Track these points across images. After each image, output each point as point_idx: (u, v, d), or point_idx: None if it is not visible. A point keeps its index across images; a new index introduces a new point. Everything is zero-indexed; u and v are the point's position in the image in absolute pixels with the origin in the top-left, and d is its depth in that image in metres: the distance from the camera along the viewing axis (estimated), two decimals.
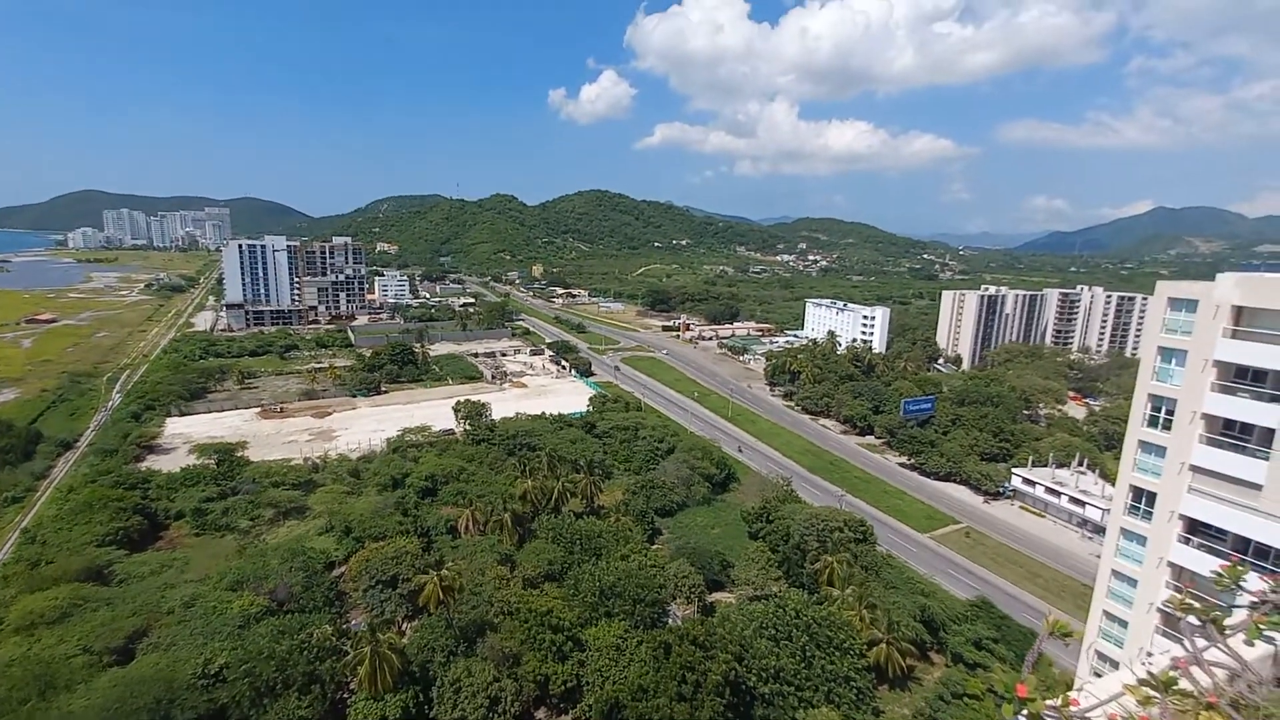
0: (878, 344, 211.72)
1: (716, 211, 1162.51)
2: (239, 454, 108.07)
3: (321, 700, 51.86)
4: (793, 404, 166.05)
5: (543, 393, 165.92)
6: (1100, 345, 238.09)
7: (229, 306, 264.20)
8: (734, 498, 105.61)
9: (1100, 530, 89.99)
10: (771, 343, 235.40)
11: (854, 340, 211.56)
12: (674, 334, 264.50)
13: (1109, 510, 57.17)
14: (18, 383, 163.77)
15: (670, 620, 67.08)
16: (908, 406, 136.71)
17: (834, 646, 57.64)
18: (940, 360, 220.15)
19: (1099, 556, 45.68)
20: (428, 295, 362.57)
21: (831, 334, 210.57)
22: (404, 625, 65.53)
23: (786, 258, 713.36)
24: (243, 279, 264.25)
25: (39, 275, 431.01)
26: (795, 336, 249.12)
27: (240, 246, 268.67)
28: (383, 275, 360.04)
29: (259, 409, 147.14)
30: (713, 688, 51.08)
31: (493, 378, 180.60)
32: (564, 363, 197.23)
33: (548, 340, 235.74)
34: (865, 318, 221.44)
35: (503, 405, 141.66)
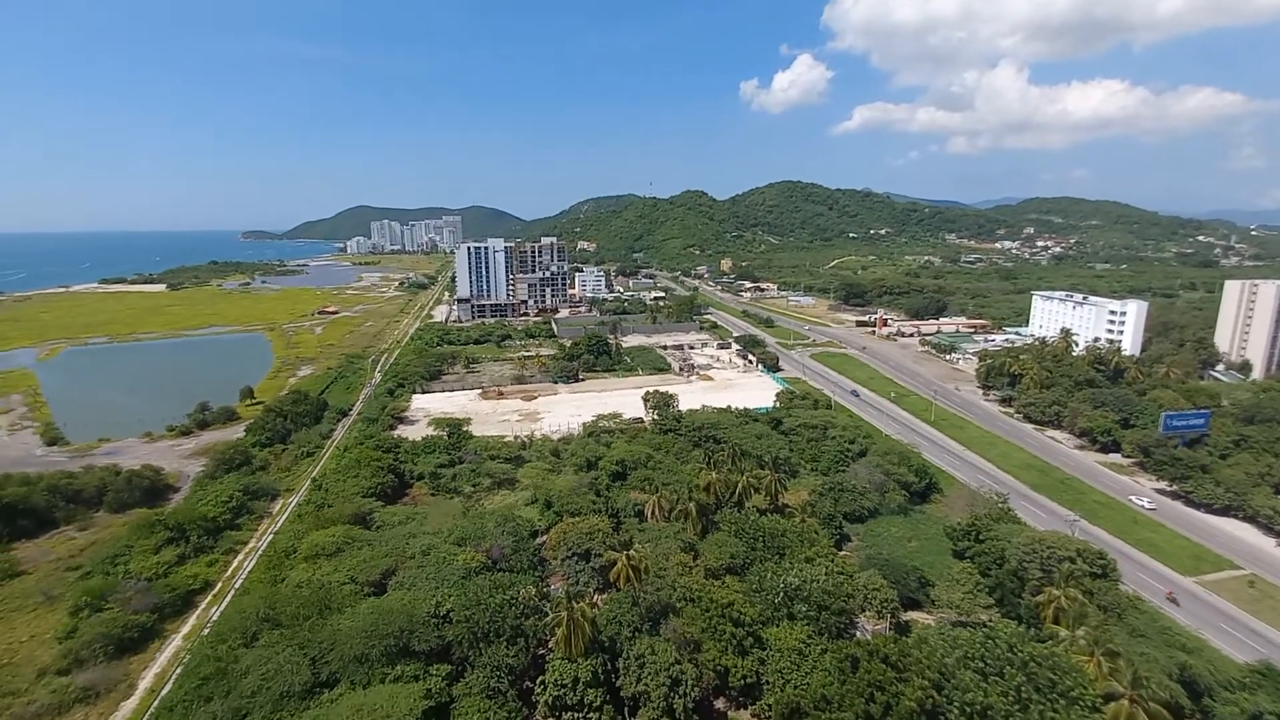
0: (1129, 345, 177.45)
1: (922, 196, 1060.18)
2: (465, 429, 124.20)
3: (525, 652, 57.79)
4: (1011, 410, 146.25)
5: (729, 386, 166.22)
6: None
7: (459, 301, 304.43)
8: (935, 510, 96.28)
9: None
10: (986, 341, 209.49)
11: (1095, 340, 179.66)
12: (869, 330, 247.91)
13: None
14: (312, 361, 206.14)
15: (858, 634, 63.36)
16: (1171, 421, 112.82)
17: (1058, 693, 49.73)
18: (1219, 367, 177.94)
19: None
20: (621, 290, 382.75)
21: (1066, 332, 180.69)
22: (595, 597, 70.21)
23: (1008, 244, 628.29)
24: (470, 277, 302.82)
25: (327, 276, 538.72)
26: (1017, 334, 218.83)
27: (469, 249, 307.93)
28: (582, 271, 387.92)
29: (480, 391, 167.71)
30: (906, 713, 47.19)
31: (680, 370, 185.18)
32: (751, 357, 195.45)
33: (735, 334, 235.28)
34: (1113, 313, 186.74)
35: (689, 397, 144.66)
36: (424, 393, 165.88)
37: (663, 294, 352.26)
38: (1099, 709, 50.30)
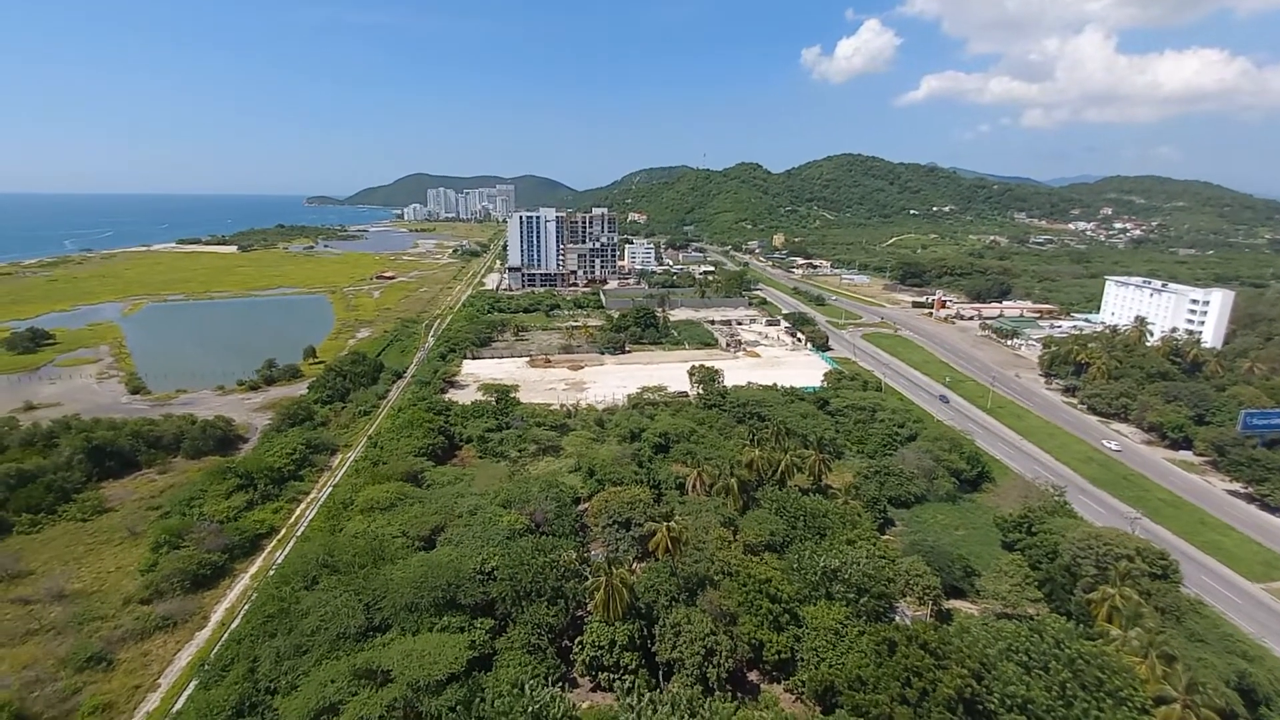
0: (1210, 337, 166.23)
1: (991, 172, 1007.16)
2: (513, 395, 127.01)
3: (564, 613, 59.73)
4: (1075, 401, 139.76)
5: (776, 364, 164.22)
6: None
7: (510, 269, 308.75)
8: (986, 500, 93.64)
9: None
10: (1052, 327, 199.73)
11: (1173, 330, 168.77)
12: (925, 311, 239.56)
13: None
14: (370, 324, 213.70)
15: (897, 618, 62.76)
16: (1251, 420, 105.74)
17: (1105, 692, 48.33)
18: None
19: None
20: (670, 263, 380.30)
21: (1141, 320, 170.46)
22: (634, 565, 71.61)
23: (1083, 225, 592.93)
24: (521, 245, 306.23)
25: (385, 242, 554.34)
26: (1086, 321, 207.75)
27: (520, 218, 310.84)
28: (632, 243, 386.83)
29: (528, 359, 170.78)
30: (943, 699, 46.73)
31: (727, 345, 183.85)
32: (799, 335, 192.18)
33: (784, 312, 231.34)
34: (1194, 302, 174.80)
35: (735, 373, 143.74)
36: (474, 358, 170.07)
37: (712, 268, 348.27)
38: (1148, 711, 48.72)
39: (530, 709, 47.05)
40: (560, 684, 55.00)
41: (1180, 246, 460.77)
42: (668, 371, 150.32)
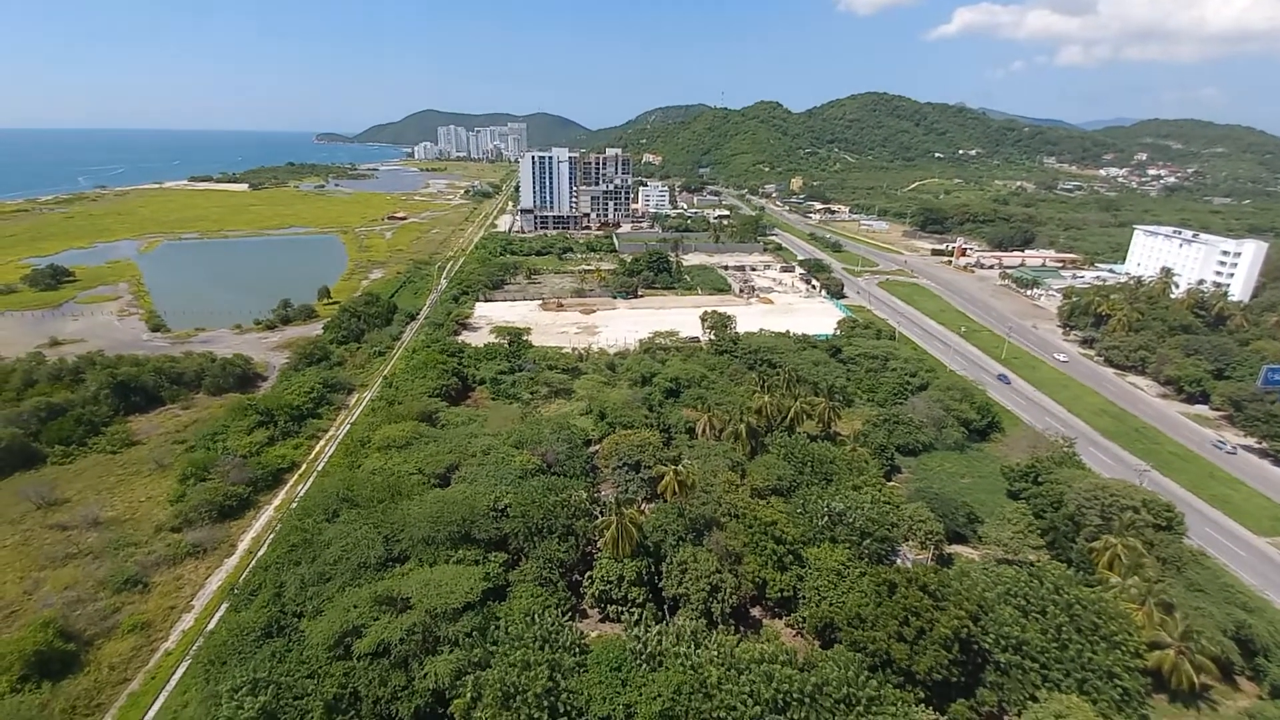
0: (1238, 290, 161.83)
1: (1022, 114, 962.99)
2: (525, 338, 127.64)
3: (575, 549, 61.80)
4: (1092, 353, 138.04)
5: (789, 311, 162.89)
6: None
7: (523, 211, 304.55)
8: (994, 449, 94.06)
9: None
10: (1074, 277, 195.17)
11: (1200, 283, 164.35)
12: (945, 259, 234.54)
13: None
14: (383, 265, 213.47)
15: (899, 561, 64.28)
16: (1272, 375, 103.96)
17: (1100, 636, 49.77)
18: None
19: None
20: (685, 206, 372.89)
21: (1167, 272, 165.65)
22: (643, 506, 73.38)
23: (1114, 172, 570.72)
24: (533, 187, 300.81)
25: (395, 181, 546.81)
26: (1111, 272, 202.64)
27: (533, 158, 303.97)
28: (646, 185, 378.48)
29: (540, 302, 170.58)
30: (939, 638, 48.36)
31: (740, 291, 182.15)
32: (814, 282, 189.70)
33: (799, 258, 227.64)
34: (1225, 254, 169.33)
35: (747, 319, 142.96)
36: (487, 301, 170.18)
37: (727, 212, 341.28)
38: (1141, 656, 50.22)
39: (541, 635, 49.35)
40: (570, 615, 57.47)
41: (1216, 195, 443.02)
42: (680, 317, 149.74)
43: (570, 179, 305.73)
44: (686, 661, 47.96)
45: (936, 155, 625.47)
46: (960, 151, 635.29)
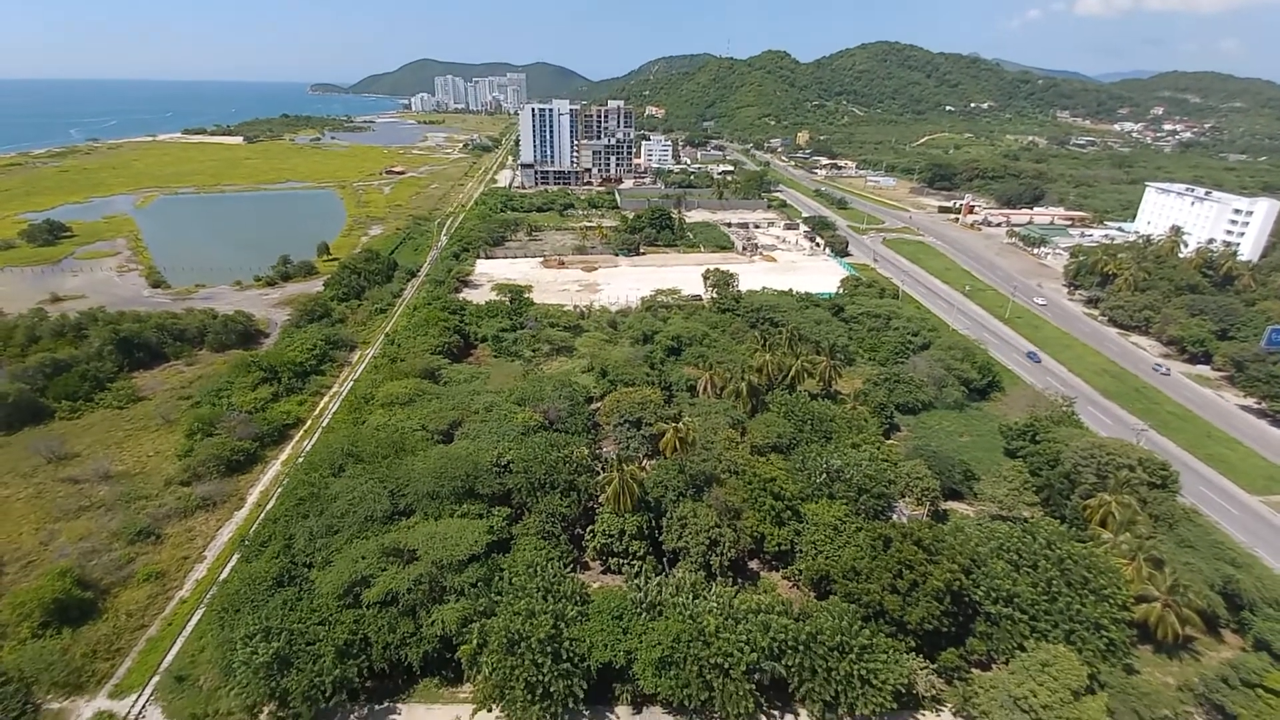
0: (1248, 250, 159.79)
1: (1037, 65, 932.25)
2: (526, 296, 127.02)
3: (577, 504, 62.92)
4: (1096, 313, 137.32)
5: (792, 269, 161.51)
6: None
7: (523, 166, 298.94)
8: (994, 409, 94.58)
9: None
10: (1082, 235, 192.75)
11: (1209, 242, 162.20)
12: (952, 217, 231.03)
13: None
14: (381, 221, 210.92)
15: (895, 517, 65.46)
16: (1276, 336, 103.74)
17: (1089, 589, 51.00)
18: None
19: None
20: (688, 161, 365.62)
21: (1176, 230, 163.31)
22: (644, 462, 74.35)
23: (1129, 126, 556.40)
24: (534, 140, 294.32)
25: (393, 134, 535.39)
26: (1120, 230, 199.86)
27: (533, 110, 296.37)
28: (649, 140, 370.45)
29: (542, 259, 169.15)
30: (931, 591, 49.63)
31: (743, 249, 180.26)
32: (818, 240, 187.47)
33: (804, 215, 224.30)
34: (1236, 212, 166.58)
35: (750, 277, 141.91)
36: (488, 258, 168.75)
37: (731, 168, 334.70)
38: (1129, 608, 51.57)
39: (544, 586, 50.74)
40: (573, 567, 58.98)
41: (1231, 151, 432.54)
42: (682, 274, 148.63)
43: (571, 132, 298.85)
44: (685, 611, 49.40)
45: (947, 108, 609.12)
46: (972, 104, 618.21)
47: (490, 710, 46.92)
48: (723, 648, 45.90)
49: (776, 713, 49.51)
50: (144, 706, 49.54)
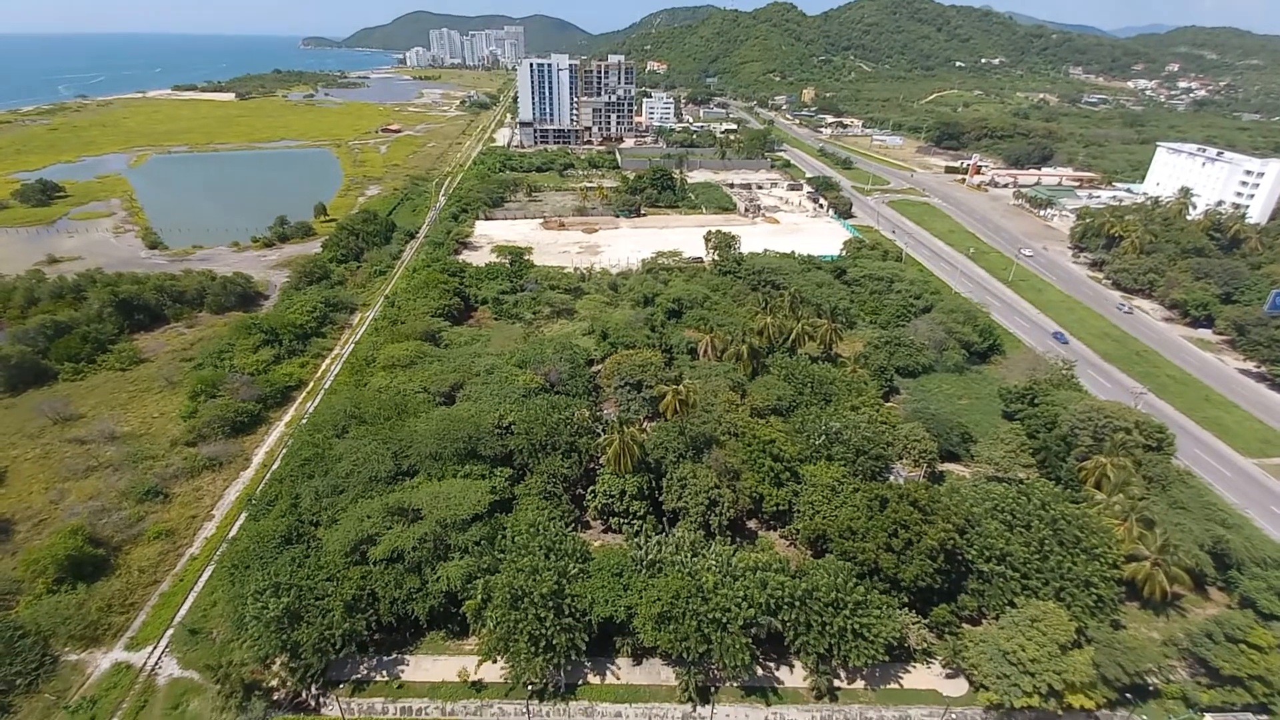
0: (1257, 212, 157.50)
1: (1051, 19, 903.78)
2: (526, 258, 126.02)
3: (578, 465, 63.74)
4: (1100, 276, 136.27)
5: (795, 231, 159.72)
6: None
7: (521, 124, 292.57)
8: (994, 372, 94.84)
9: None
10: (1090, 197, 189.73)
11: (1219, 204, 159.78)
12: (959, 178, 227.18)
13: None
14: (378, 181, 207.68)
15: (892, 478, 66.29)
16: None
17: (1080, 549, 52.02)
18: None
19: None
20: (690, 119, 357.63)
21: (1185, 192, 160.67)
22: (644, 424, 74.94)
23: (1143, 84, 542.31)
24: (532, 98, 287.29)
25: (388, 90, 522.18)
26: (1128, 191, 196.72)
27: (531, 65, 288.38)
28: (650, 97, 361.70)
29: (541, 220, 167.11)
30: (925, 550, 50.63)
31: (745, 210, 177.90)
32: (822, 201, 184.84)
33: (807, 175, 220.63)
34: (1247, 174, 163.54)
35: (752, 239, 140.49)
36: (487, 219, 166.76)
37: (734, 126, 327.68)
38: (1119, 566, 52.70)
39: (546, 544, 51.78)
40: (574, 526, 60.08)
41: (1246, 111, 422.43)
42: (683, 236, 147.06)
43: (571, 89, 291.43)
44: (685, 569, 50.55)
45: (958, 64, 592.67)
46: (983, 60, 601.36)
47: (495, 661, 48.45)
48: (721, 603, 47.10)
49: (772, 664, 51.21)
50: (160, 658, 51.20)
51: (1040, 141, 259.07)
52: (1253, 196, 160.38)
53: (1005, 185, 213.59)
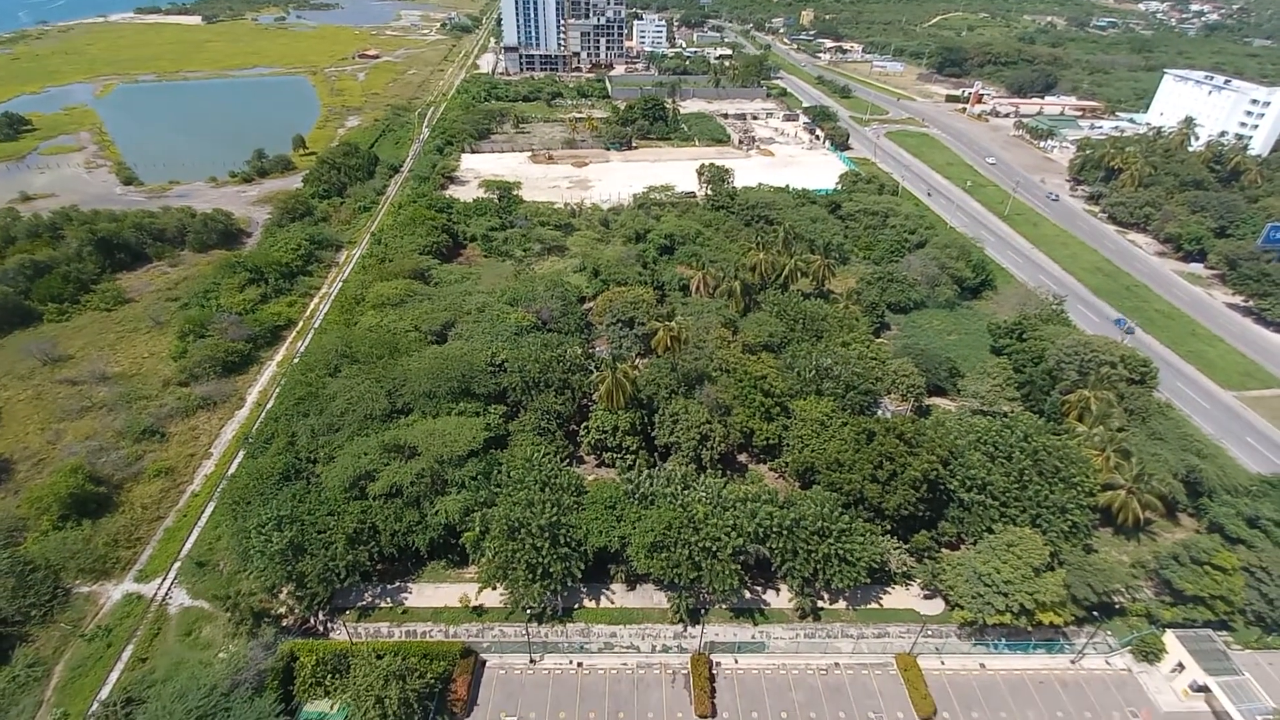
0: (1260, 144, 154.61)
1: None
2: (515, 193, 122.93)
3: (571, 402, 64.48)
4: (1096, 209, 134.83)
5: (790, 164, 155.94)
6: None
7: (506, 49, 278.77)
8: (985, 307, 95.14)
9: None
10: (1092, 128, 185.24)
11: (1222, 135, 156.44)
12: (959, 107, 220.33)
13: None
14: (358, 111, 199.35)
15: (880, 412, 67.54)
16: (1274, 233, 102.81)
17: (1059, 478, 53.81)
18: None
19: None
20: (684, 44, 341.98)
21: (1188, 122, 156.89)
22: (637, 361, 75.37)
23: (1154, 6, 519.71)
24: (517, 20, 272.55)
25: (363, 12, 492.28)
26: (1131, 122, 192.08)
27: None
28: (641, 19, 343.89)
29: (530, 153, 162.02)
30: (909, 480, 52.26)
31: (740, 143, 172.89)
32: (819, 132, 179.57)
33: (804, 104, 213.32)
34: (1253, 103, 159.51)
35: (746, 172, 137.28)
36: (473, 152, 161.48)
37: (729, 52, 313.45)
38: (1094, 495, 54.71)
39: (541, 479, 53.02)
40: (568, 462, 61.33)
41: (1258, 36, 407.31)
42: (676, 169, 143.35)
43: (558, 10, 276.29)
44: (676, 500, 52.10)
45: None
46: None
47: (494, 588, 50.53)
48: (711, 533, 48.83)
49: (759, 588, 53.71)
50: (170, 589, 53.02)
51: (1045, 68, 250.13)
52: (1257, 127, 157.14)
53: (1006, 115, 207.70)
